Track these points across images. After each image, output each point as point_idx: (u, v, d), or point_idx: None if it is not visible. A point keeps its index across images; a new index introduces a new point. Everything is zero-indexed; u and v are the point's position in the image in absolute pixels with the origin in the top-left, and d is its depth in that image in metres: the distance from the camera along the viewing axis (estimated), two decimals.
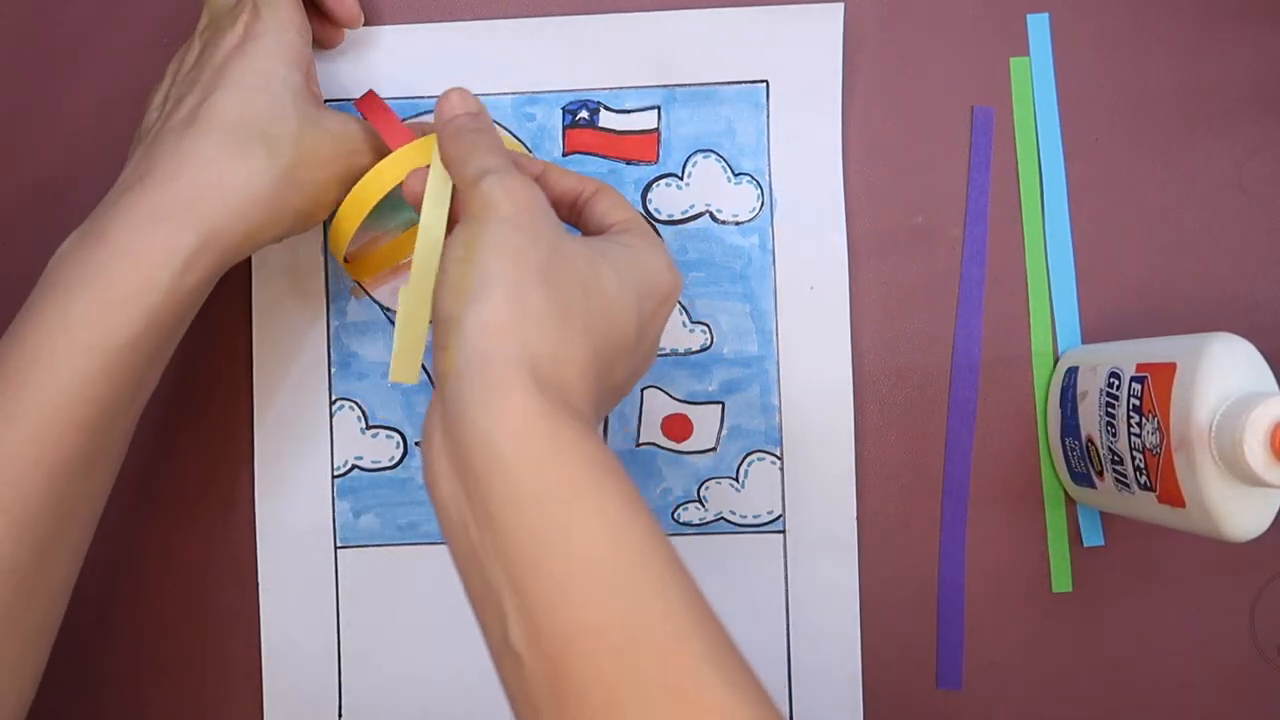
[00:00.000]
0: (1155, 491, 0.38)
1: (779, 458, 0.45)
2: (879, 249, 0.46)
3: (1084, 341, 0.46)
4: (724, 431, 0.45)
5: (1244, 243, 0.46)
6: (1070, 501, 0.46)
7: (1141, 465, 0.39)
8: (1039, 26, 0.47)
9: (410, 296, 0.37)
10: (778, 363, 0.45)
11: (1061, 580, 0.46)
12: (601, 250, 0.35)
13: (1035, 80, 0.47)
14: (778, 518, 0.45)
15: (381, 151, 0.40)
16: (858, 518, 0.45)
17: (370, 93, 0.42)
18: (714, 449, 0.45)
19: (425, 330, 0.37)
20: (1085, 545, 0.46)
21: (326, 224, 0.45)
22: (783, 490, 0.45)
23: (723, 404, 0.45)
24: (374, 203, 0.39)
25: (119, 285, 0.34)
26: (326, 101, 0.45)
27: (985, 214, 0.46)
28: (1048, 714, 0.46)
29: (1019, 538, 0.46)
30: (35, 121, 0.45)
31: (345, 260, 0.43)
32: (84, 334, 0.34)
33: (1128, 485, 0.40)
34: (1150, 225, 0.46)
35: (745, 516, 0.45)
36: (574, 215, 0.40)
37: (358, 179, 0.39)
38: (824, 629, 0.45)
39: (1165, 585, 0.46)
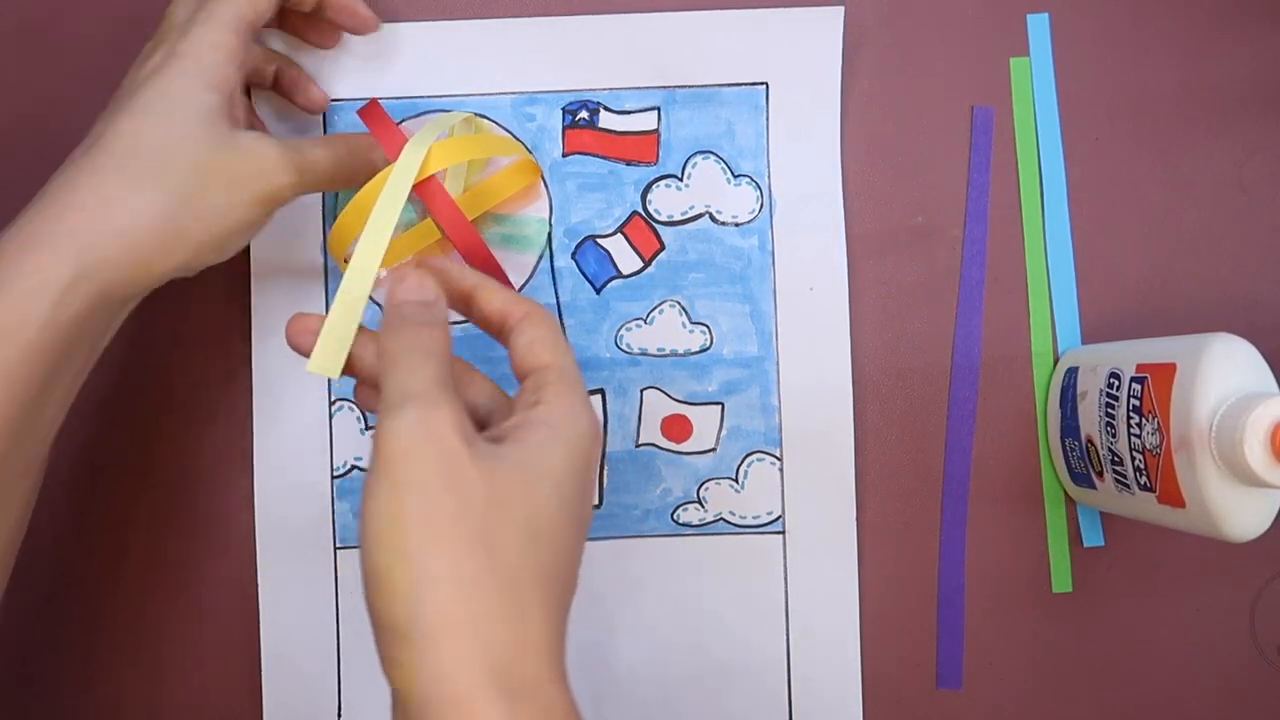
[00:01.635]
0: (1155, 492, 0.38)
1: (779, 458, 0.45)
2: (879, 249, 0.46)
3: (1084, 341, 0.46)
4: (724, 432, 0.45)
5: (1244, 243, 0.46)
6: (1070, 501, 0.46)
7: (1141, 466, 0.39)
8: (1039, 26, 0.47)
9: (346, 294, 0.36)
10: (777, 363, 0.45)
11: (1061, 580, 0.46)
12: (530, 460, 0.31)
13: (1035, 80, 0.47)
14: (777, 518, 0.45)
15: (301, 167, 0.38)
16: (858, 518, 0.45)
17: (373, 102, 0.42)
18: (714, 450, 0.45)
19: (353, 330, 0.36)
20: (1085, 545, 0.46)
21: (328, 226, 0.45)
22: (783, 491, 0.45)
23: (722, 405, 0.45)
24: (361, 222, 0.39)
25: None
26: (329, 101, 0.45)
27: (985, 214, 0.46)
28: (1048, 714, 0.46)
29: (1019, 538, 0.46)
30: (36, 121, 0.45)
31: (345, 262, 0.43)
32: None
33: (1128, 486, 0.40)
34: (1150, 225, 0.46)
35: (745, 517, 0.45)
36: (500, 336, 0.36)
37: (276, 201, 0.38)
38: (824, 629, 0.45)
39: (1165, 585, 0.46)
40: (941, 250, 0.46)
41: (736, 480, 0.45)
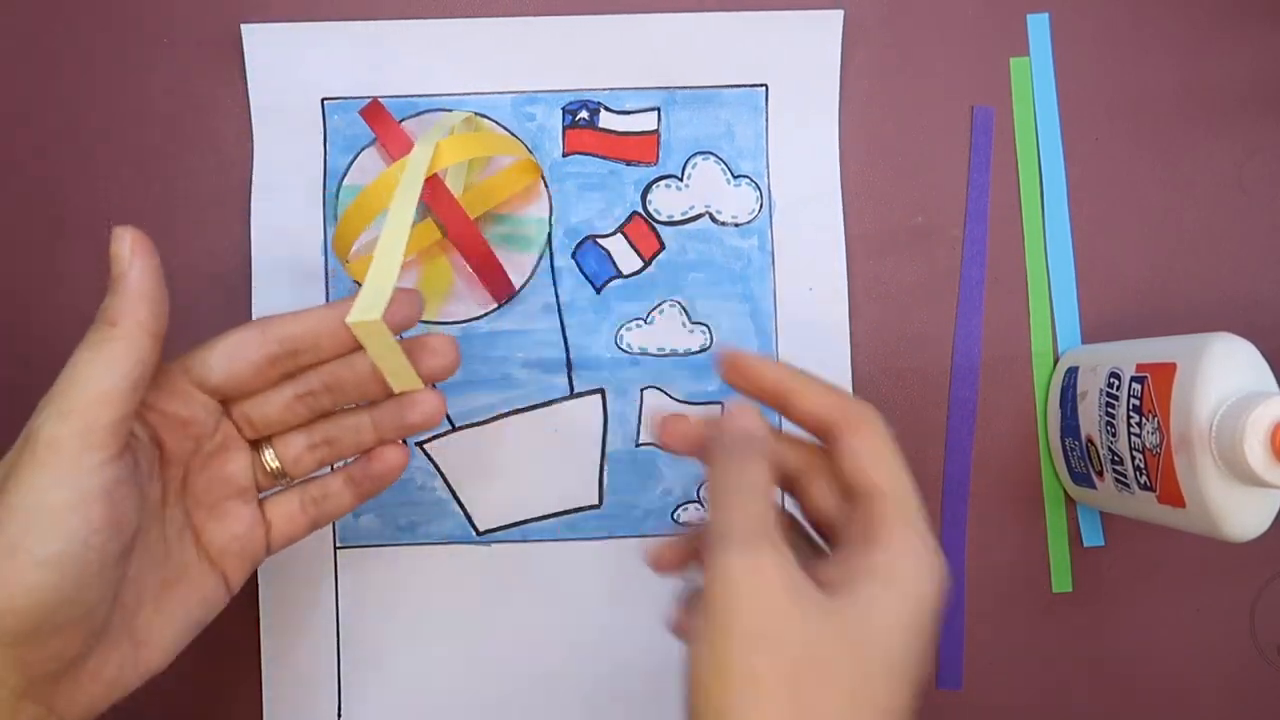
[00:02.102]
0: (1155, 491, 0.38)
1: None
2: (879, 249, 0.46)
3: (1084, 341, 0.46)
4: None
5: (1244, 243, 0.46)
6: (1070, 501, 0.46)
7: (1141, 465, 0.39)
8: (1039, 26, 0.47)
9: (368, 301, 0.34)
10: None
11: (1061, 580, 0.46)
12: (861, 618, 0.29)
13: (1035, 80, 0.47)
14: None
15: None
16: None
17: (374, 101, 0.42)
18: None
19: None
20: (1085, 545, 0.46)
21: (328, 226, 0.45)
22: (782, 491, 0.45)
23: (723, 404, 0.45)
24: (380, 209, 0.40)
25: None
26: (327, 100, 0.45)
27: (985, 214, 0.46)
28: (1048, 714, 0.46)
29: (1019, 538, 0.46)
30: (36, 121, 0.45)
31: (348, 261, 0.43)
32: None
33: (1128, 485, 0.40)
34: (1150, 225, 0.46)
35: None
36: (824, 438, 0.34)
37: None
38: None
39: (1165, 585, 0.46)
40: (941, 250, 0.46)
41: None
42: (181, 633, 0.35)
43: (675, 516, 0.45)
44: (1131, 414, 0.39)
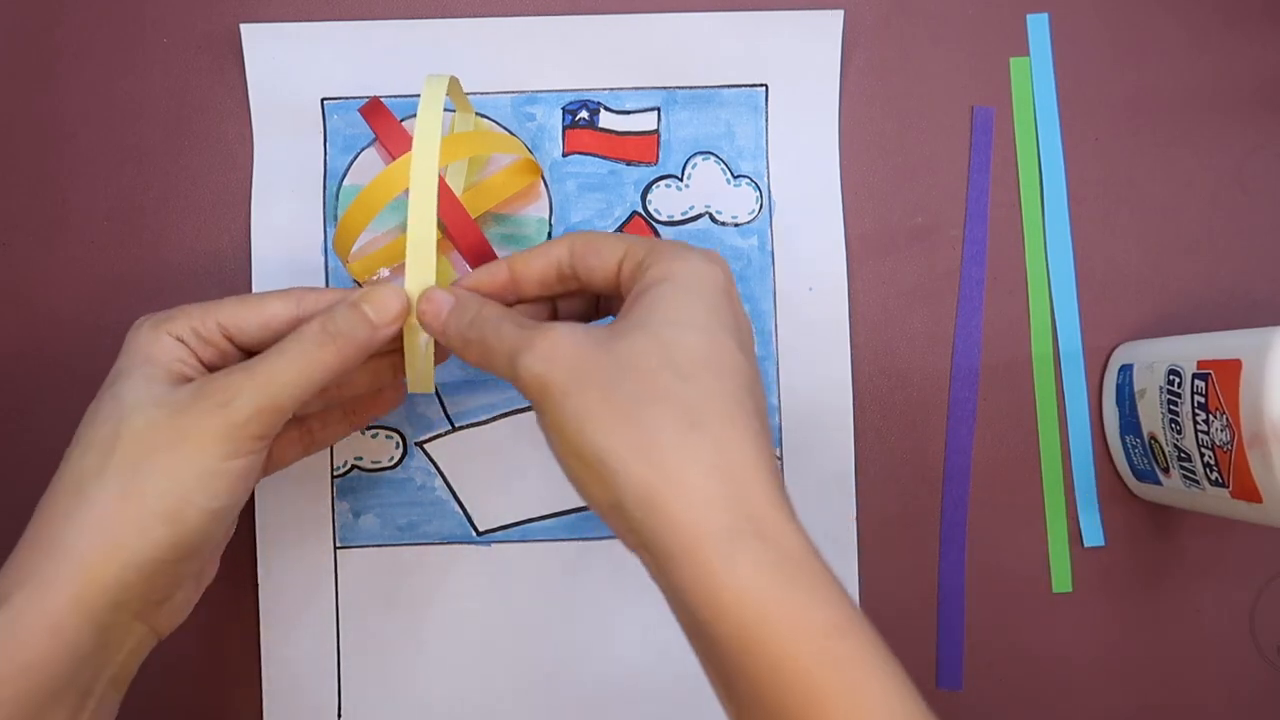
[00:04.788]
0: (1228, 487, 0.38)
1: (779, 458, 0.45)
2: (879, 249, 0.46)
3: (1084, 341, 0.46)
4: None
5: (1245, 242, 0.46)
6: (1070, 501, 0.46)
7: (1212, 462, 0.39)
8: (1039, 26, 0.47)
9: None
10: (777, 363, 0.45)
11: (1061, 580, 0.46)
12: (655, 318, 0.31)
13: (1035, 80, 0.47)
14: None
15: (257, 412, 0.34)
16: (858, 518, 0.45)
17: (375, 100, 0.42)
18: None
19: (429, 348, 0.36)
20: (1085, 545, 0.46)
21: (329, 226, 0.45)
22: None
23: None
24: (380, 208, 0.40)
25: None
26: (327, 100, 0.45)
27: (985, 214, 0.46)
28: (1048, 714, 0.46)
29: (1019, 538, 0.46)
30: (36, 121, 0.45)
31: (349, 261, 0.43)
32: None
33: (1197, 482, 0.40)
34: (1150, 225, 0.47)
35: None
36: (565, 283, 0.36)
37: (246, 444, 0.34)
38: None
39: (1165, 585, 0.46)
40: (941, 250, 0.46)
41: None
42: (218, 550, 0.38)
43: None
44: (1197, 411, 0.39)
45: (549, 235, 0.45)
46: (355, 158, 0.45)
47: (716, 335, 0.31)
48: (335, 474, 0.45)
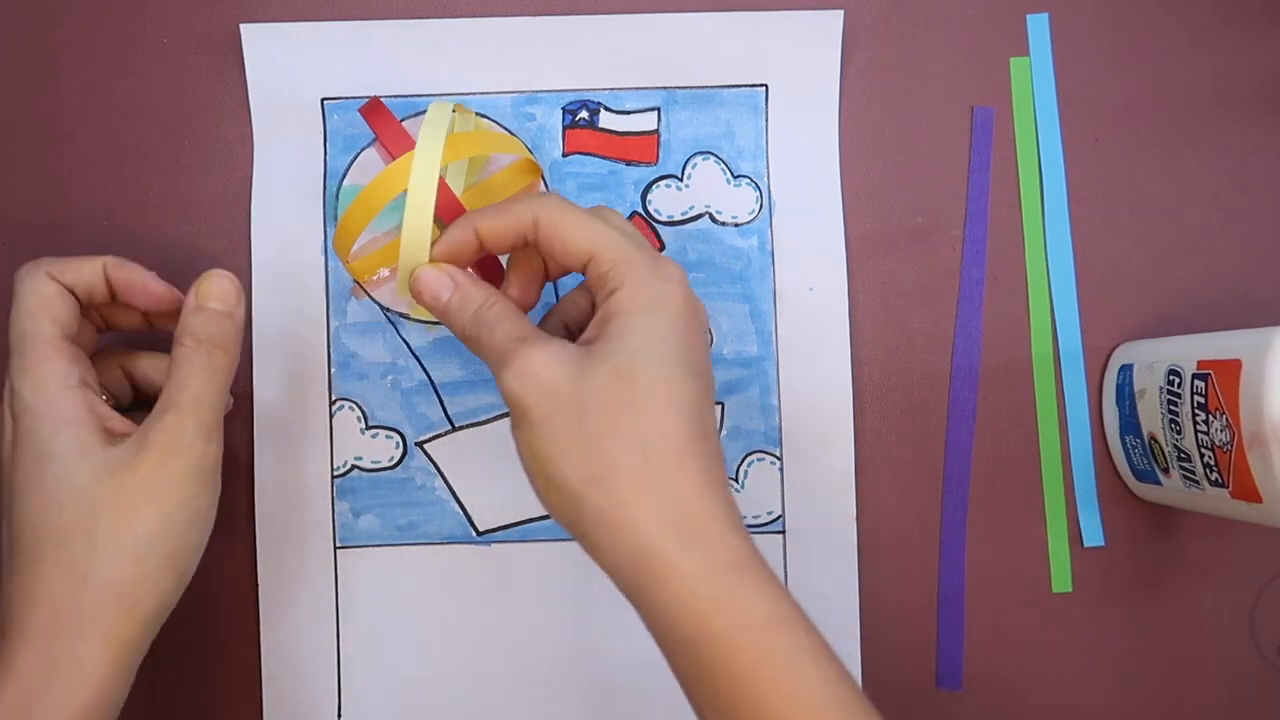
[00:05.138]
0: (1228, 488, 0.38)
1: (779, 458, 0.45)
2: (879, 249, 0.46)
3: (1084, 341, 0.46)
4: (724, 432, 0.45)
5: (1245, 242, 0.46)
6: (1070, 501, 0.46)
7: (1211, 462, 0.39)
8: (1039, 26, 0.47)
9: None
10: (777, 363, 0.45)
11: (1061, 580, 0.46)
12: (618, 352, 0.33)
13: (1035, 80, 0.47)
14: (778, 518, 0.45)
15: (204, 434, 0.36)
16: (858, 518, 0.45)
17: (375, 99, 0.42)
18: None
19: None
20: (1085, 545, 0.46)
21: (328, 226, 0.45)
22: (782, 491, 0.45)
23: (722, 404, 0.45)
24: (380, 208, 0.40)
25: None
26: (327, 100, 0.45)
27: (985, 214, 0.46)
28: (1048, 714, 0.46)
29: (1019, 538, 0.46)
30: (36, 121, 0.45)
31: (349, 261, 0.43)
32: None
33: (1197, 482, 0.40)
34: (1150, 225, 0.47)
35: (745, 517, 0.45)
36: (527, 250, 0.37)
37: (200, 472, 0.36)
38: (824, 629, 0.45)
39: (1165, 585, 0.46)
40: (941, 250, 0.46)
41: (736, 480, 0.45)
42: None
43: None
44: (1197, 411, 0.39)
45: None
46: (355, 158, 0.45)
47: (673, 370, 0.33)
48: (335, 474, 0.45)
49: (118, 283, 0.38)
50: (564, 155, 0.46)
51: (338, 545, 0.45)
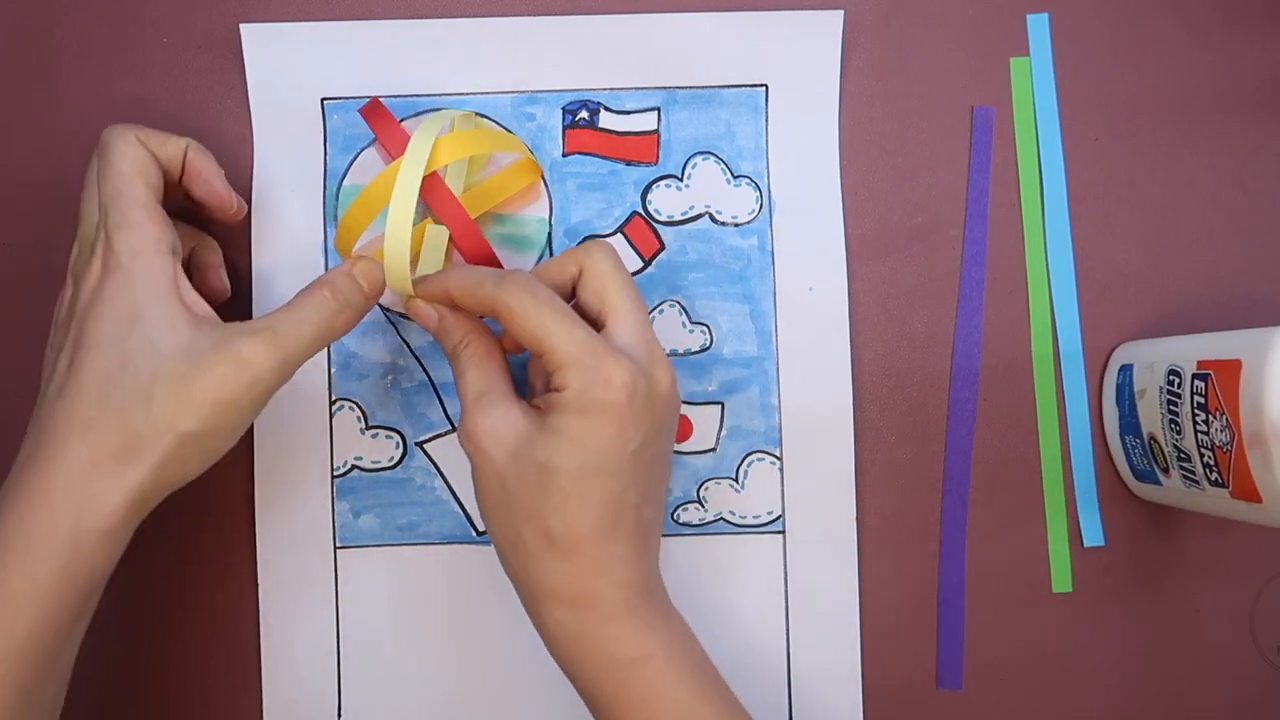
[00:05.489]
0: (1228, 488, 0.38)
1: (779, 458, 0.45)
2: (879, 249, 0.46)
3: (1084, 341, 0.46)
4: (724, 432, 0.45)
5: (1245, 242, 0.46)
6: (1070, 501, 0.46)
7: (1211, 462, 0.39)
8: (1039, 26, 0.47)
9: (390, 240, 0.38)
10: (777, 363, 0.45)
11: (1061, 580, 0.46)
12: (556, 446, 0.36)
13: (1035, 80, 0.47)
14: (778, 518, 0.45)
15: (283, 343, 0.37)
16: (858, 518, 0.45)
17: (374, 100, 0.42)
18: (714, 449, 0.45)
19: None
20: (1085, 545, 0.46)
21: (329, 226, 0.45)
22: (782, 490, 0.45)
23: (722, 404, 0.45)
24: (380, 209, 0.40)
25: (7, 584, 0.33)
26: (327, 100, 0.45)
27: (985, 214, 0.46)
28: (1048, 714, 0.46)
29: (1019, 538, 0.46)
30: (36, 121, 0.45)
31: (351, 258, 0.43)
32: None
33: (1196, 482, 0.40)
34: (1150, 225, 0.47)
35: (745, 517, 0.45)
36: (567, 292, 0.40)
37: (270, 390, 0.36)
38: (824, 629, 0.45)
39: (1165, 585, 0.46)
40: (941, 250, 0.46)
41: (736, 480, 0.45)
42: None
43: (675, 516, 0.45)
44: (1197, 411, 0.39)
45: (549, 235, 0.45)
46: (355, 158, 0.45)
47: (590, 474, 0.36)
48: (335, 474, 0.45)
49: (191, 165, 0.40)
50: (564, 155, 0.46)
51: (338, 545, 0.45)
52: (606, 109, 0.46)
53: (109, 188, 0.37)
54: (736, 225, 0.46)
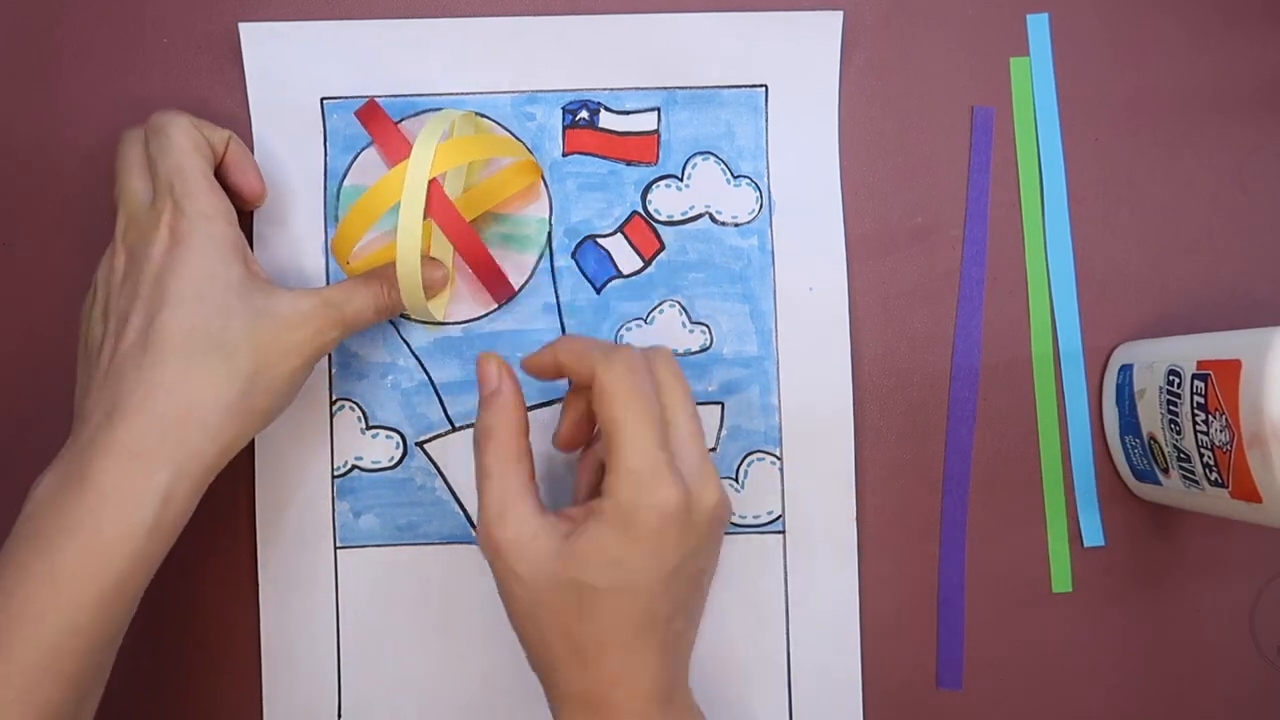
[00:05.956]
0: (1228, 488, 0.38)
1: (779, 458, 0.45)
2: (879, 249, 0.46)
3: (1084, 341, 0.46)
4: (724, 432, 0.45)
5: (1245, 242, 0.46)
6: (1070, 501, 0.46)
7: (1211, 462, 0.39)
8: (1039, 26, 0.47)
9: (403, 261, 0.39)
10: (777, 363, 0.45)
11: (1061, 580, 0.46)
12: (580, 560, 0.35)
13: (1035, 80, 0.47)
14: (778, 518, 0.45)
15: (346, 321, 0.40)
16: (858, 518, 0.45)
17: (371, 101, 0.42)
18: (714, 449, 0.45)
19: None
20: (1085, 545, 0.46)
21: (329, 229, 0.45)
22: (783, 490, 0.45)
23: (722, 404, 0.45)
24: (379, 215, 0.40)
25: (103, 532, 0.34)
26: (327, 100, 0.45)
27: (985, 214, 0.46)
28: (1048, 714, 0.46)
29: (1019, 538, 0.46)
30: (36, 121, 0.45)
31: (348, 264, 0.43)
32: (70, 587, 0.34)
33: (1196, 482, 0.40)
34: (1150, 225, 0.47)
35: (745, 516, 0.45)
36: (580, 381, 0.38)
37: (325, 352, 0.40)
38: (824, 629, 0.45)
39: (1165, 585, 0.46)
40: (941, 250, 0.46)
41: (736, 480, 0.45)
42: None
43: None
44: (1196, 411, 0.39)
45: (549, 235, 0.45)
46: (355, 158, 0.45)
47: (622, 588, 0.35)
48: (335, 474, 0.45)
49: (231, 155, 0.42)
50: (564, 155, 0.46)
51: (338, 545, 0.45)
52: (606, 109, 0.46)
53: (171, 162, 0.38)
54: (736, 225, 0.46)
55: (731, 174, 0.46)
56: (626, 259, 0.45)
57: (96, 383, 0.37)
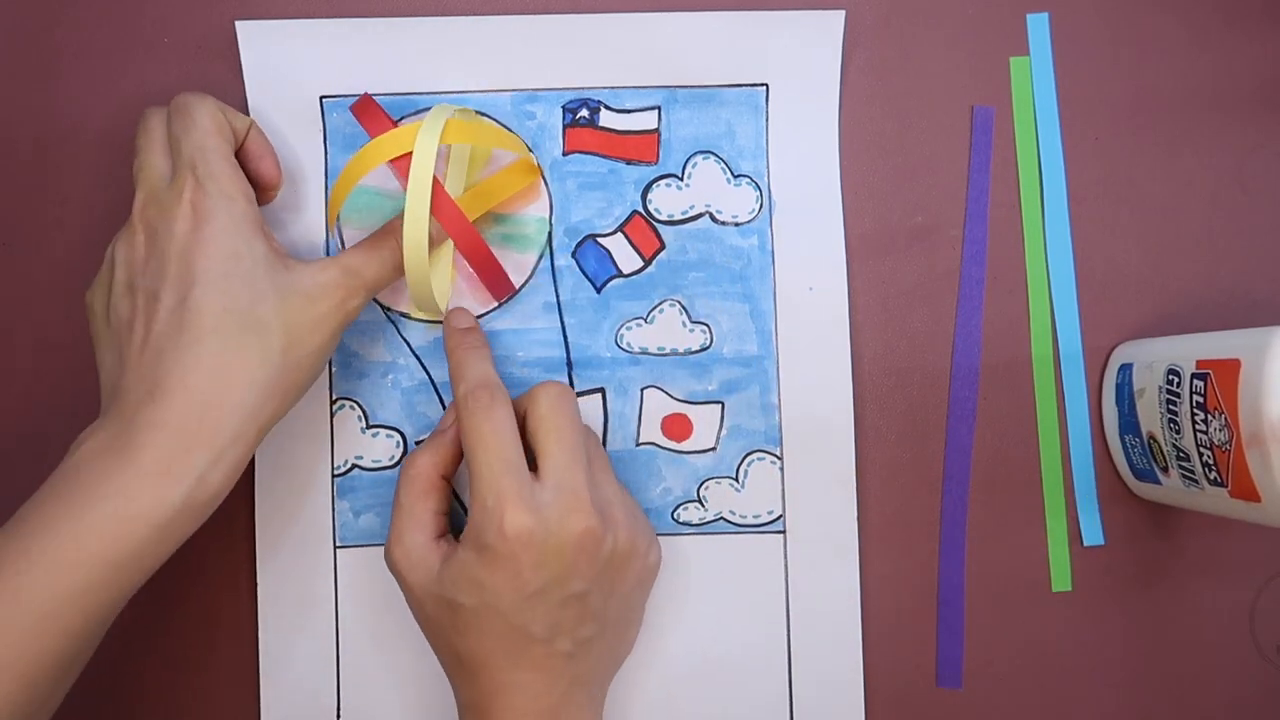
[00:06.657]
0: (1227, 487, 0.38)
1: (779, 458, 0.45)
2: (879, 249, 0.46)
3: (1084, 341, 0.46)
4: (724, 431, 0.45)
5: (1245, 242, 0.46)
6: (1070, 501, 0.46)
7: (1210, 462, 0.39)
8: (1039, 26, 0.47)
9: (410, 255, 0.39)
10: (777, 363, 0.45)
11: (1061, 580, 0.46)
12: (449, 582, 0.38)
13: (1035, 80, 0.47)
14: (778, 518, 0.45)
15: (369, 285, 0.40)
16: (858, 518, 0.45)
17: (365, 96, 0.42)
18: (714, 449, 0.45)
19: (428, 289, 0.40)
20: (1085, 545, 0.46)
21: (329, 230, 0.45)
22: (783, 490, 0.45)
23: (722, 404, 0.45)
24: (358, 180, 0.40)
25: (134, 502, 0.35)
26: (326, 98, 0.45)
27: (985, 214, 0.46)
28: (1048, 714, 0.46)
29: (1019, 538, 0.46)
30: (36, 121, 0.45)
31: (342, 246, 0.43)
32: (93, 545, 0.34)
33: (1196, 481, 0.40)
34: (1150, 225, 0.47)
35: (745, 516, 0.45)
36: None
37: (351, 320, 0.40)
38: (824, 629, 0.45)
39: (1165, 585, 0.46)
40: (941, 250, 0.46)
41: (737, 479, 0.45)
42: None
43: (675, 515, 0.45)
44: (1196, 411, 0.39)
45: (549, 234, 0.45)
46: None
47: (488, 608, 0.37)
48: (335, 474, 0.45)
49: (251, 142, 0.42)
50: (564, 154, 0.46)
51: (338, 545, 0.45)
52: (607, 108, 0.46)
53: (194, 141, 0.38)
54: (736, 225, 0.46)
55: (732, 173, 0.46)
56: (627, 258, 0.45)
57: (133, 360, 0.37)
